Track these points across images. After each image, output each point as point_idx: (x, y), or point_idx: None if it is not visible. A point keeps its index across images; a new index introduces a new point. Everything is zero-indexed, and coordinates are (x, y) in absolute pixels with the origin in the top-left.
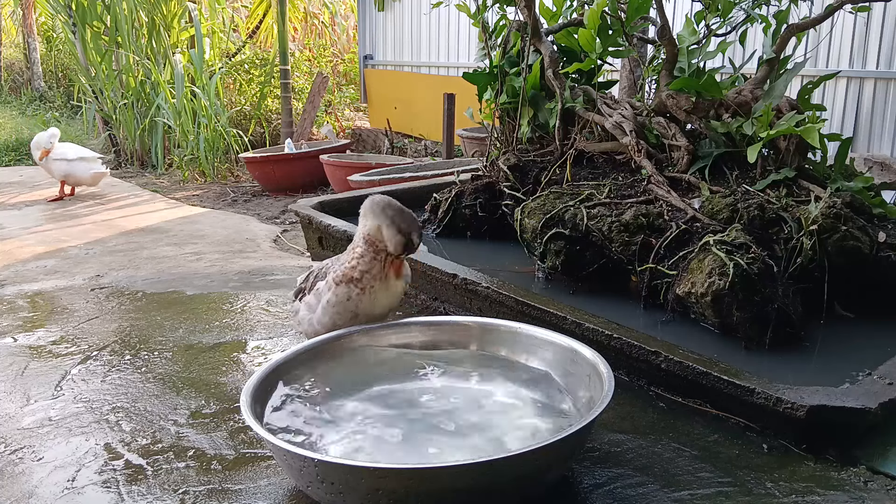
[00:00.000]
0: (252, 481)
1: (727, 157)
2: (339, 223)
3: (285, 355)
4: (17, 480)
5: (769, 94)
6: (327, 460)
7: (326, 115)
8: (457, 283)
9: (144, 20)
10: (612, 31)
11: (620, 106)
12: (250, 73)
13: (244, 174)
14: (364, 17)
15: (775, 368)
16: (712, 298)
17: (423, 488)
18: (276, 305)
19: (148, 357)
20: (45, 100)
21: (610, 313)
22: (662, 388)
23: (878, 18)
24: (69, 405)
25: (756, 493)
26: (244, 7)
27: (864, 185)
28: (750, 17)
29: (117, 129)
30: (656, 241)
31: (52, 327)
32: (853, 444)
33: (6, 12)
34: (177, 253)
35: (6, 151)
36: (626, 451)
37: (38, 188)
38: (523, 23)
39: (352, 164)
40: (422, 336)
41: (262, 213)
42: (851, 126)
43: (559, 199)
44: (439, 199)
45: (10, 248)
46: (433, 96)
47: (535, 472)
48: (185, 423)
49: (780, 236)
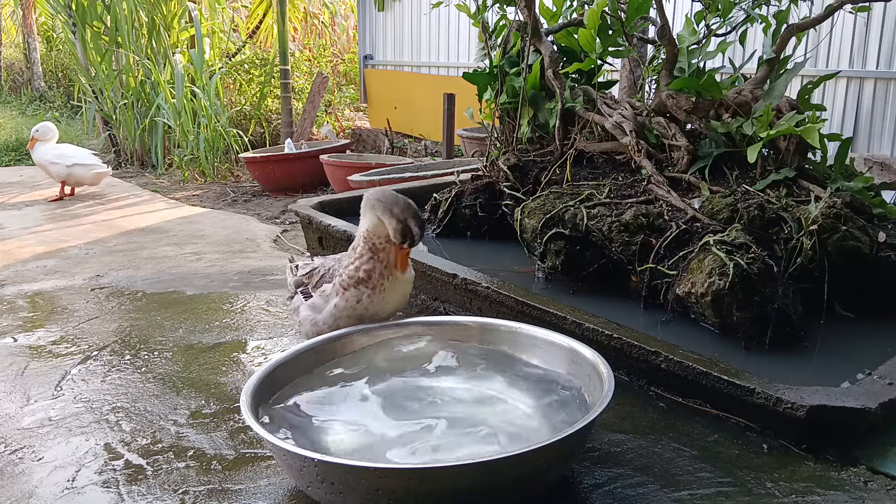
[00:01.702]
0: (252, 481)
1: (727, 157)
2: (339, 223)
3: (285, 355)
4: (17, 480)
5: (769, 94)
6: (327, 460)
7: (326, 115)
8: (457, 283)
9: (144, 20)
10: (612, 31)
11: (620, 106)
12: (250, 73)
13: (244, 174)
14: (364, 17)
15: (775, 368)
16: (712, 298)
17: (424, 488)
18: (276, 305)
19: (148, 357)
20: (45, 100)
21: (610, 313)
22: (662, 388)
23: (878, 18)
24: (69, 405)
25: (756, 493)
26: (244, 7)
27: (864, 185)
28: (750, 17)
29: (117, 129)
30: (656, 241)
31: (52, 327)
32: (853, 444)
33: (6, 12)
34: (177, 253)
35: (6, 151)
36: (626, 451)
37: (38, 188)
38: (523, 23)
39: (352, 164)
40: (422, 335)
41: (262, 213)
42: (851, 126)
43: (559, 199)
44: (439, 199)
45: (10, 248)
46: (433, 96)
47: (534, 472)
48: (185, 423)
49: (780, 236)
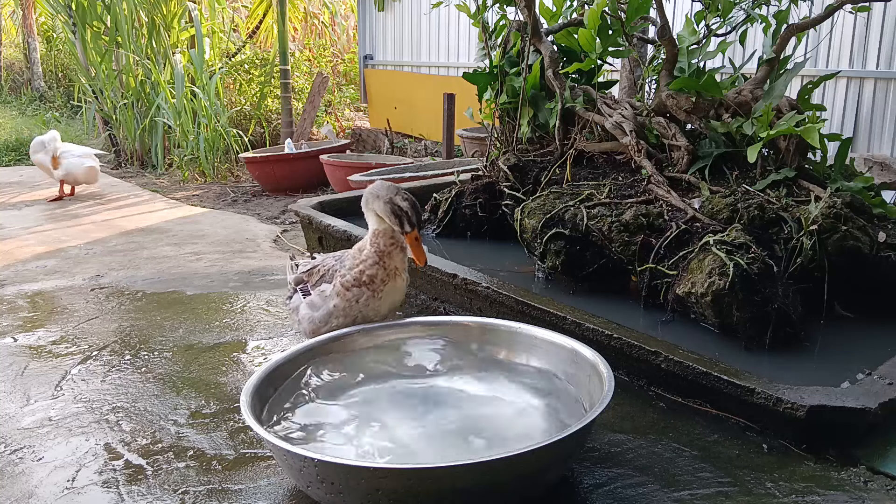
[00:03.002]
0: (252, 481)
1: (727, 157)
2: (339, 223)
3: (285, 355)
4: (17, 480)
5: (769, 94)
6: (327, 460)
7: (326, 115)
8: (457, 283)
9: (144, 20)
10: (612, 31)
11: (620, 106)
12: (250, 73)
13: (244, 174)
14: (364, 17)
15: (775, 368)
16: (712, 298)
17: (424, 488)
18: (276, 305)
19: (148, 357)
20: (45, 100)
21: (610, 313)
22: (662, 388)
23: (878, 18)
24: (69, 405)
25: (756, 493)
26: (244, 7)
27: (864, 185)
28: (750, 17)
29: (117, 129)
30: (656, 241)
31: (52, 327)
32: (853, 444)
33: (6, 12)
34: (177, 253)
35: (6, 151)
36: (626, 451)
37: (37, 188)
38: (523, 23)
39: (352, 164)
40: (422, 336)
41: (262, 213)
42: (851, 126)
43: (559, 199)
44: (439, 199)
45: (10, 248)
46: (433, 96)
47: (535, 472)
48: (185, 423)
49: (780, 236)
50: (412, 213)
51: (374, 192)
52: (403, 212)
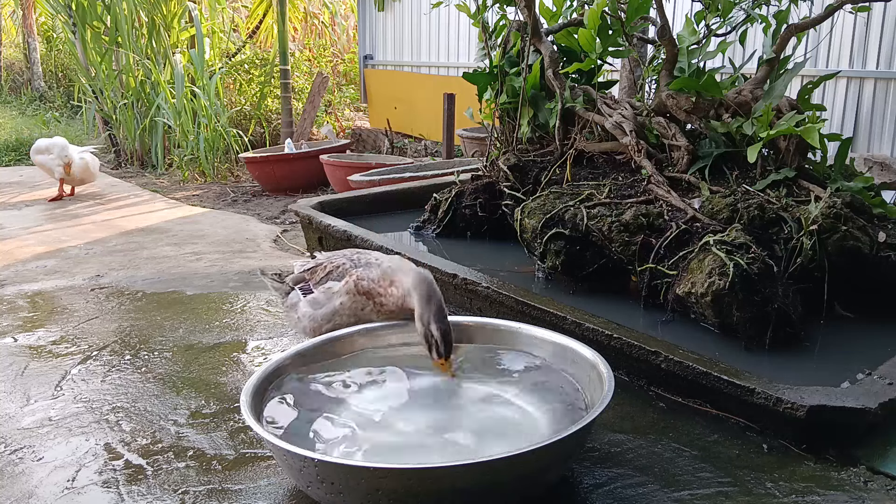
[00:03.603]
0: (252, 481)
1: (727, 157)
2: (338, 223)
3: (285, 355)
4: (17, 480)
5: (769, 94)
6: (327, 460)
7: (326, 115)
8: (457, 283)
9: (144, 20)
10: (612, 31)
11: (620, 106)
12: (250, 73)
13: (244, 174)
14: (364, 17)
15: (775, 368)
16: (712, 298)
17: (424, 488)
18: (276, 305)
19: (148, 357)
20: (45, 100)
21: (610, 313)
22: (662, 388)
23: (878, 18)
24: (69, 405)
25: (756, 493)
26: (244, 7)
27: (864, 185)
28: (750, 17)
29: (117, 129)
30: (656, 241)
31: (52, 327)
32: (853, 444)
33: (6, 12)
34: (177, 253)
35: (6, 151)
36: (626, 451)
37: (37, 188)
38: (523, 23)
39: (352, 164)
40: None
41: (262, 213)
42: (851, 126)
43: (559, 199)
44: (439, 199)
45: (10, 248)
46: (433, 96)
47: (535, 472)
48: (185, 423)
49: (780, 236)
50: (442, 346)
51: (421, 293)
52: (434, 341)
